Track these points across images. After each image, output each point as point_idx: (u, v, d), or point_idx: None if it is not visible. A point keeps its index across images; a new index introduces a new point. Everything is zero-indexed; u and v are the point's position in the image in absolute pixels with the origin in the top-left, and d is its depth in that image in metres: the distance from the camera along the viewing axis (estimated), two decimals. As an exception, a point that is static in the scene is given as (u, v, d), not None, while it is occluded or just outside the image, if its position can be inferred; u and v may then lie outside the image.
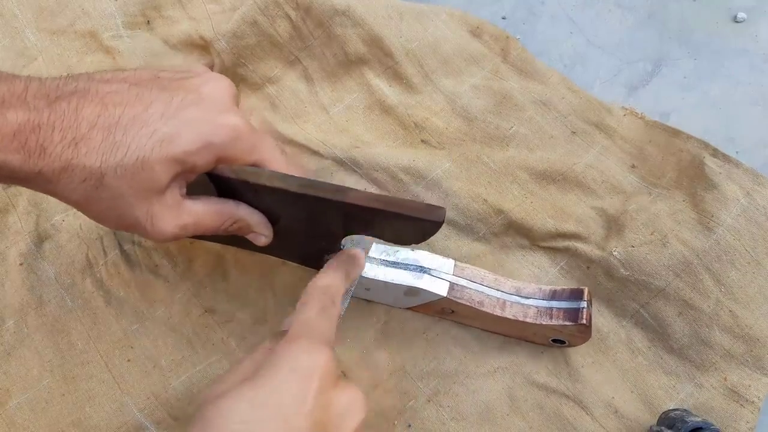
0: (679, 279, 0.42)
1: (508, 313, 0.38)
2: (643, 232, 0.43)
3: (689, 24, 0.54)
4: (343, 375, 0.27)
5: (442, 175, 0.45)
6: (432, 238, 0.33)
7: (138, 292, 0.45)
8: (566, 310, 0.38)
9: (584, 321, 0.37)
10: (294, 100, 0.51)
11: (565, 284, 0.44)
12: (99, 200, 0.28)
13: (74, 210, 0.47)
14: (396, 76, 0.50)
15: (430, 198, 0.45)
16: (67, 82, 0.28)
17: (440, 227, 0.31)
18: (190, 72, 0.33)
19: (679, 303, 0.42)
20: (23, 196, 0.48)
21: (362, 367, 0.42)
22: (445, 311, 0.41)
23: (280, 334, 0.30)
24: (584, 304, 0.38)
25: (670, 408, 0.40)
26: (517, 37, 0.53)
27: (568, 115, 0.49)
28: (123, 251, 0.46)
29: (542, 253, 0.45)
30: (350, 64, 0.51)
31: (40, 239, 0.46)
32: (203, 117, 0.29)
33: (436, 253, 0.40)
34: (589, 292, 0.38)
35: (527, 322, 0.38)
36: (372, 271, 0.39)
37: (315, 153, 0.47)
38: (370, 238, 0.39)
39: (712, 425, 0.36)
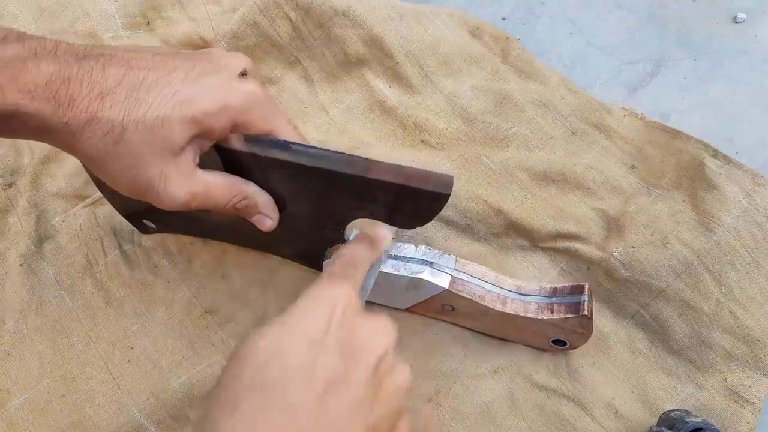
0: (679, 280, 0.42)
1: (509, 308, 0.38)
2: (643, 233, 0.43)
3: (689, 24, 0.54)
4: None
5: (442, 175, 0.45)
6: (432, 238, 0.32)
7: (138, 293, 0.45)
8: (567, 304, 0.38)
9: (586, 312, 0.37)
10: (294, 101, 0.51)
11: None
12: (117, 157, 0.29)
13: (74, 210, 0.47)
14: (396, 76, 0.50)
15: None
16: (93, 47, 0.29)
17: (447, 200, 0.31)
18: (209, 50, 0.34)
19: (680, 304, 0.42)
20: (23, 196, 0.48)
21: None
22: (445, 308, 0.41)
23: None
24: (585, 298, 0.38)
25: (671, 408, 0.40)
26: (517, 38, 0.53)
27: (568, 115, 0.49)
28: (123, 252, 0.46)
29: (542, 253, 0.45)
30: (350, 64, 0.51)
31: (40, 240, 0.46)
32: (222, 83, 0.31)
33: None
34: (589, 288, 0.38)
35: (528, 318, 0.38)
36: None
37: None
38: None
39: (712, 426, 0.36)
